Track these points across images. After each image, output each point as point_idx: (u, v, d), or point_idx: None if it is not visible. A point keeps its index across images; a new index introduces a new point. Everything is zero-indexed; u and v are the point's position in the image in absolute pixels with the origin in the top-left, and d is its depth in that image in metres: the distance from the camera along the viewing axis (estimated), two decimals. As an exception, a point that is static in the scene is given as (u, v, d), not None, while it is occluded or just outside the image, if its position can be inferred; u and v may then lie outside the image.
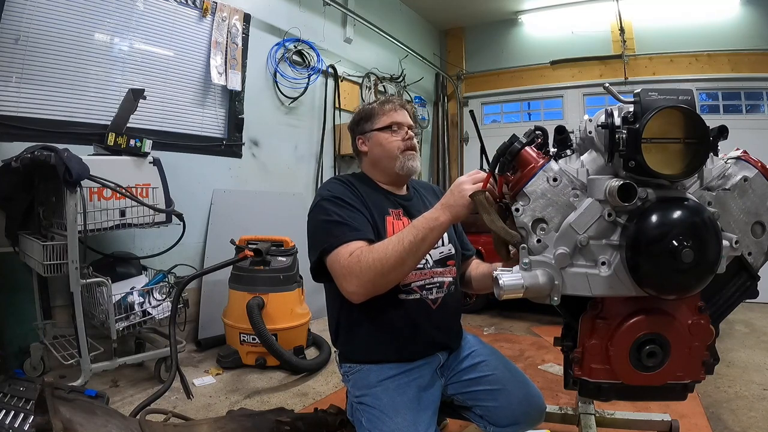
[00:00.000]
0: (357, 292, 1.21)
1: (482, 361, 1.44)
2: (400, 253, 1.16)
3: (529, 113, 5.88)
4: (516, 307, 3.63)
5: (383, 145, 1.46)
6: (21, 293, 2.28)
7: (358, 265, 1.18)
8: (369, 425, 1.25)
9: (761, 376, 2.46)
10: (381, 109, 1.48)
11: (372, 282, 1.19)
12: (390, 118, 1.47)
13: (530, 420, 1.40)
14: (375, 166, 1.49)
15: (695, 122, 0.92)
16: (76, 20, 2.51)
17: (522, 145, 1.06)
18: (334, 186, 1.40)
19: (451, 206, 1.17)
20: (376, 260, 1.17)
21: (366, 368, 1.36)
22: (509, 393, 1.38)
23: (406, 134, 1.46)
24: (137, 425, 1.37)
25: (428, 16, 5.65)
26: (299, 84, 3.76)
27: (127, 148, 2.24)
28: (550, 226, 1.01)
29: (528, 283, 0.97)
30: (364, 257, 1.19)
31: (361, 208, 1.35)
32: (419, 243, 1.16)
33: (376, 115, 1.48)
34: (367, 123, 1.50)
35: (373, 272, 1.17)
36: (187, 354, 2.69)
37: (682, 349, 1.00)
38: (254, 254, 2.40)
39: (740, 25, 4.61)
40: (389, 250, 1.17)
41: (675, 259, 0.88)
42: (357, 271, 1.18)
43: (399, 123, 1.47)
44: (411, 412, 1.24)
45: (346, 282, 1.22)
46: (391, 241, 1.19)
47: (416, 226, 1.18)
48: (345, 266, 1.21)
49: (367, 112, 1.50)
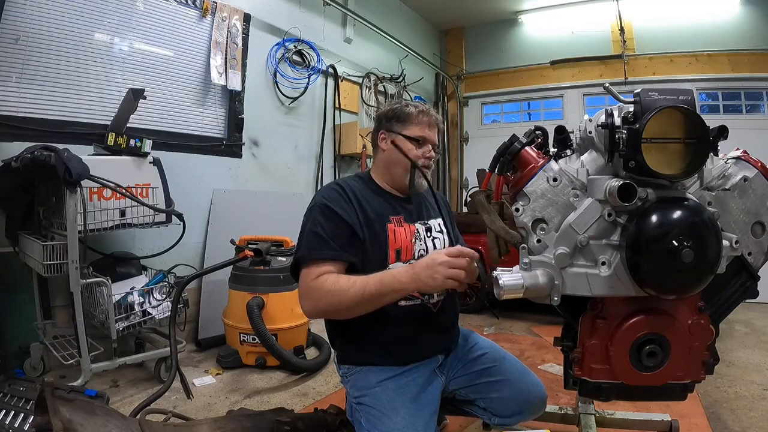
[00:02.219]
0: (309, 313, 1.28)
1: (483, 354, 1.46)
2: (358, 299, 1.20)
3: (529, 113, 5.88)
4: (516, 307, 3.63)
5: (396, 158, 1.44)
6: (21, 293, 2.27)
7: (318, 291, 1.23)
8: (368, 425, 1.26)
9: (761, 376, 2.46)
10: (417, 117, 1.45)
11: (324, 311, 1.27)
12: (422, 132, 1.44)
13: (533, 409, 1.43)
14: (386, 168, 1.47)
15: (695, 122, 0.92)
16: (76, 20, 2.51)
17: (522, 145, 1.06)
18: (331, 193, 1.39)
19: (421, 281, 1.15)
20: (335, 295, 1.21)
21: (365, 369, 1.36)
22: (511, 384, 1.40)
23: (429, 151, 1.44)
24: (137, 425, 1.37)
25: (428, 16, 5.65)
26: (299, 84, 3.76)
27: (127, 148, 2.23)
28: (550, 226, 1.01)
29: (528, 283, 0.97)
30: (326, 286, 1.22)
31: (353, 223, 1.33)
32: (378, 298, 1.20)
33: (411, 122, 1.45)
34: (398, 124, 1.46)
35: (328, 304, 1.23)
36: (187, 354, 2.69)
37: (682, 349, 1.00)
38: (254, 254, 2.40)
39: (740, 25, 4.61)
40: (350, 291, 1.20)
41: (675, 259, 0.88)
42: (315, 296, 1.24)
43: (427, 139, 1.45)
44: (410, 412, 1.25)
45: (302, 300, 1.28)
46: (356, 283, 1.21)
47: (383, 282, 1.19)
48: (306, 286, 1.26)
49: (403, 115, 1.45)
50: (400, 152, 1.42)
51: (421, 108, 1.47)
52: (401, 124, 1.45)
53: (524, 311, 3.66)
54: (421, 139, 1.44)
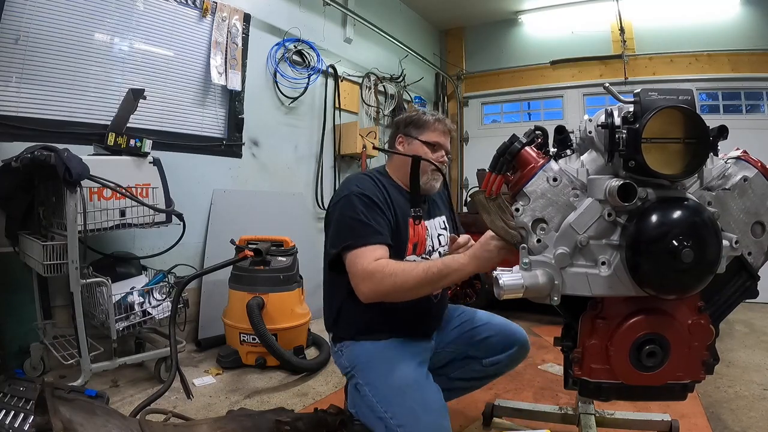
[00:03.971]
0: (368, 296, 1.29)
1: (462, 312, 1.69)
2: (421, 280, 1.22)
3: (529, 113, 5.88)
4: (516, 307, 3.63)
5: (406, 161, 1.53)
6: (21, 293, 2.27)
7: (380, 273, 1.25)
8: (363, 380, 1.37)
9: (761, 376, 2.46)
10: (433, 125, 1.58)
11: (386, 293, 1.27)
12: (437, 138, 1.57)
13: (520, 344, 1.64)
14: (401, 170, 1.57)
15: (695, 122, 0.92)
16: (76, 20, 2.51)
17: (522, 145, 1.06)
18: (364, 182, 1.48)
19: (478, 257, 1.20)
20: (398, 276, 1.23)
21: (360, 342, 1.46)
22: (493, 324, 1.63)
23: (442, 156, 1.58)
24: (137, 425, 1.37)
25: (428, 16, 5.65)
26: (299, 84, 3.76)
27: (127, 148, 2.23)
28: (550, 226, 1.01)
29: (528, 283, 0.97)
30: (388, 269, 1.25)
31: (387, 211, 1.43)
32: (441, 279, 1.22)
33: (427, 129, 1.57)
34: (415, 130, 1.58)
35: (391, 286, 1.24)
36: (187, 354, 2.69)
37: (682, 349, 1.00)
38: (254, 254, 2.40)
39: (740, 25, 4.61)
40: (413, 273, 1.23)
41: (675, 259, 0.88)
42: (377, 278, 1.26)
43: (441, 145, 1.58)
44: (403, 363, 1.36)
45: (363, 284, 1.28)
46: (419, 266, 1.24)
47: (445, 263, 1.23)
48: (366, 269, 1.27)
49: (421, 122, 1.58)
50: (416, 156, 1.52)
51: (438, 117, 1.60)
52: (418, 130, 1.58)
53: (524, 311, 3.66)
54: (436, 144, 1.57)
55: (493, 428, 1.83)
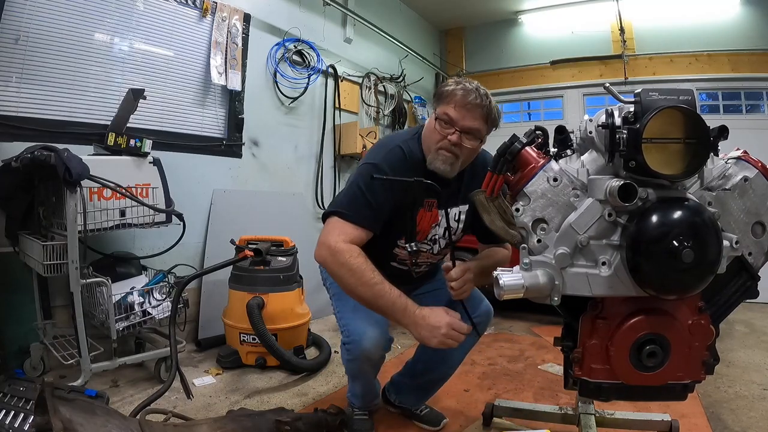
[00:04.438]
0: (318, 260, 1.38)
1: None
2: (364, 296, 1.31)
3: (529, 113, 5.88)
4: (516, 307, 3.64)
5: (429, 132, 1.45)
6: (21, 293, 2.27)
7: (341, 256, 1.31)
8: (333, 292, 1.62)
9: (761, 376, 2.46)
10: (451, 97, 1.39)
11: (332, 273, 1.36)
12: (451, 111, 1.38)
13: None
14: (426, 143, 1.47)
15: (696, 122, 0.92)
16: (76, 20, 2.50)
17: (522, 145, 1.06)
18: (393, 157, 1.41)
19: (420, 335, 1.28)
20: (353, 276, 1.30)
21: None
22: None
23: (452, 134, 1.38)
24: (137, 425, 1.37)
25: (428, 16, 5.64)
26: (299, 84, 3.76)
27: (127, 148, 2.23)
28: (550, 226, 1.01)
29: (528, 283, 0.97)
30: (350, 262, 1.30)
31: (395, 197, 1.39)
32: (379, 309, 1.32)
33: (443, 101, 1.41)
34: (437, 102, 1.44)
35: (339, 275, 1.33)
36: (187, 354, 2.69)
37: (683, 349, 1.01)
38: (254, 254, 2.40)
39: (740, 25, 4.61)
40: (363, 285, 1.30)
41: (675, 260, 0.88)
42: (337, 259, 1.32)
43: (452, 120, 1.38)
44: None
45: (324, 251, 1.35)
46: (374, 284, 1.29)
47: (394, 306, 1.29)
48: (334, 243, 1.33)
49: (441, 94, 1.43)
50: (428, 131, 1.44)
51: (464, 86, 1.38)
52: (438, 101, 1.44)
53: (524, 311, 3.66)
54: (446, 118, 1.38)
55: (493, 428, 1.83)
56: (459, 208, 1.58)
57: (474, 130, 1.39)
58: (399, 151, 1.42)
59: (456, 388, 2.22)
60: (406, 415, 1.89)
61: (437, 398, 2.01)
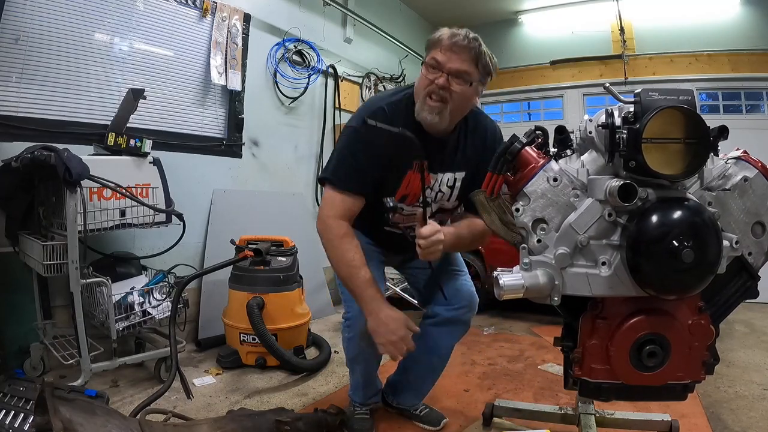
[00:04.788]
0: (317, 229, 1.44)
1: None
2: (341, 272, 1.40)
3: (529, 113, 5.88)
4: (516, 307, 3.64)
5: (418, 81, 1.40)
6: (21, 293, 2.27)
7: (330, 232, 1.39)
8: None
9: (761, 376, 2.46)
10: (438, 41, 1.33)
11: (324, 244, 1.43)
12: (433, 55, 1.32)
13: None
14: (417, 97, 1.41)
15: (696, 122, 0.92)
16: (76, 20, 2.50)
17: (522, 145, 1.06)
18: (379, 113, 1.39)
19: (374, 330, 1.35)
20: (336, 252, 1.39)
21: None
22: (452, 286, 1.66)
23: (439, 77, 1.30)
24: (137, 425, 1.37)
25: (428, 16, 5.64)
26: (299, 84, 3.76)
27: (127, 148, 2.23)
28: (550, 226, 1.01)
29: (528, 284, 0.97)
30: (335, 241, 1.39)
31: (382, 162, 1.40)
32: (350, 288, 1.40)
33: (432, 47, 1.35)
34: (426, 51, 1.39)
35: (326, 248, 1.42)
36: (187, 354, 2.69)
37: (683, 349, 1.01)
38: (254, 254, 2.40)
39: (740, 25, 4.60)
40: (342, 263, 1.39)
41: (675, 260, 0.88)
42: (326, 235, 1.41)
43: (439, 63, 1.31)
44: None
45: (320, 224, 1.43)
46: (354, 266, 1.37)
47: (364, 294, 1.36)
48: (327, 217, 1.40)
49: (429, 41, 1.37)
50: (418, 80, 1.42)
51: (452, 30, 1.34)
52: (427, 50, 1.38)
53: (524, 311, 3.66)
54: (433, 62, 1.32)
55: (493, 428, 1.83)
56: (455, 175, 1.52)
57: (462, 72, 1.33)
58: (381, 112, 1.39)
59: (456, 388, 2.22)
60: (406, 416, 1.90)
61: (437, 398, 2.02)
